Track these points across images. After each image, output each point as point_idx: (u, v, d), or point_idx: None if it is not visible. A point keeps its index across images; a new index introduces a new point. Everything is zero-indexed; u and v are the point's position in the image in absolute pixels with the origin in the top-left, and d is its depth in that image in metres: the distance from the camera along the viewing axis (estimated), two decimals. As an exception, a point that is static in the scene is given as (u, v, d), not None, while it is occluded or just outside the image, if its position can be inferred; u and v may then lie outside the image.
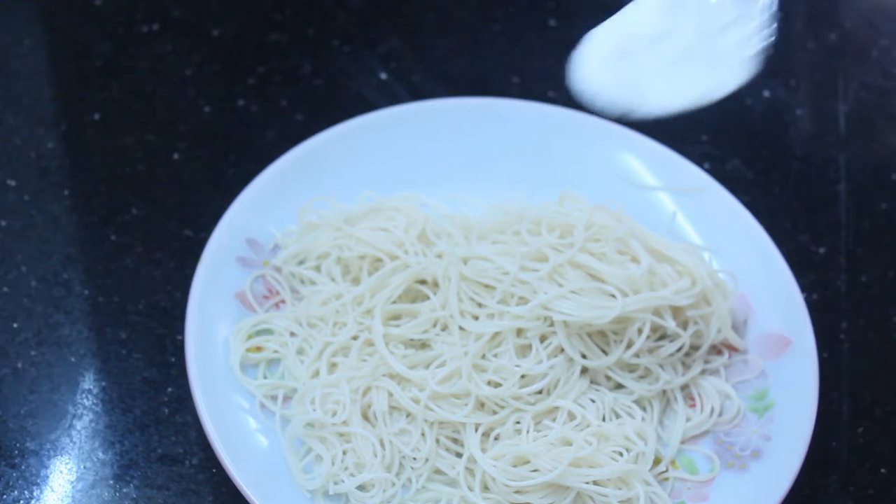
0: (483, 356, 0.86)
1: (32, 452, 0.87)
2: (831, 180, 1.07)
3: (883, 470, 0.91)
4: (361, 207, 0.95)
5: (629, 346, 0.87)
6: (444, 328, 0.88)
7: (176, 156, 1.04)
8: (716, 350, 0.91)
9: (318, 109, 1.08)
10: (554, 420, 0.86)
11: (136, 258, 0.97)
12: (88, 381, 0.91)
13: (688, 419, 0.88)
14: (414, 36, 1.16)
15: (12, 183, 1.01)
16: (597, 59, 0.71)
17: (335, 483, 0.82)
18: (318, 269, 0.92)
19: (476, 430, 0.84)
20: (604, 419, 0.86)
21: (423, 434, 0.84)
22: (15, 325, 0.93)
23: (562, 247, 0.89)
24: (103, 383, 0.91)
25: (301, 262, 0.93)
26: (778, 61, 1.17)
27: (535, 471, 0.82)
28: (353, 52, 1.13)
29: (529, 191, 0.96)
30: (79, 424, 0.89)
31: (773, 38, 0.68)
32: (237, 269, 0.91)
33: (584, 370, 0.87)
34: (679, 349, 0.88)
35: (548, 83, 1.12)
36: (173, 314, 0.93)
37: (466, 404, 0.84)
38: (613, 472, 0.82)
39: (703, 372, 0.90)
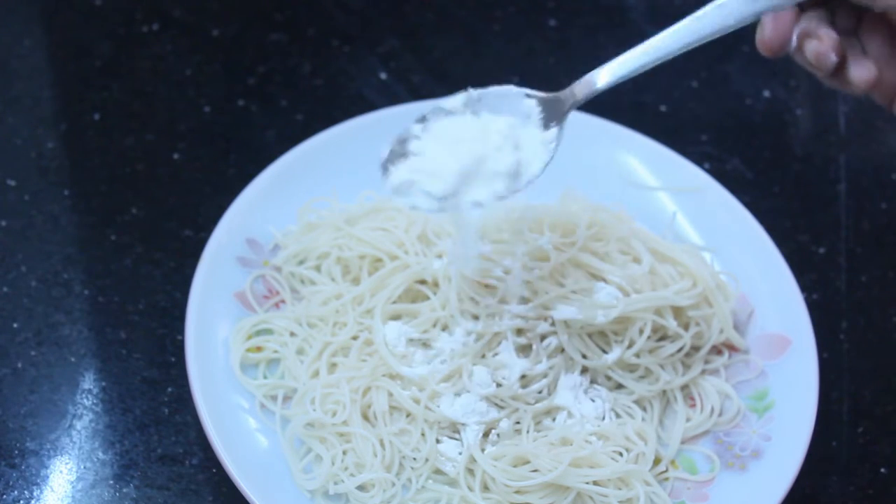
0: (483, 356, 0.86)
1: (32, 452, 0.87)
2: (831, 180, 1.07)
3: (883, 470, 0.91)
4: (361, 207, 0.95)
5: (630, 346, 0.87)
6: (445, 328, 0.88)
7: (176, 156, 1.04)
8: (716, 350, 0.91)
9: (318, 109, 1.08)
10: (554, 420, 0.86)
11: (136, 258, 0.97)
12: (88, 381, 0.91)
13: (688, 419, 0.88)
14: (414, 36, 1.16)
15: (12, 183, 1.01)
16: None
17: (335, 483, 0.82)
18: (318, 269, 0.92)
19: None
20: (604, 419, 0.86)
21: (423, 434, 0.84)
22: (15, 325, 0.93)
23: (563, 246, 0.89)
24: (103, 383, 0.91)
25: (301, 262, 0.93)
26: (778, 61, 1.17)
27: (535, 471, 0.82)
28: (353, 52, 1.13)
29: (529, 191, 0.96)
30: (79, 424, 0.88)
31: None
32: (237, 269, 0.91)
33: (585, 370, 0.87)
34: (679, 349, 0.88)
35: (548, 83, 1.12)
36: (173, 314, 0.93)
37: (466, 404, 0.85)
38: (613, 472, 0.82)
39: (704, 372, 0.90)
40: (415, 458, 0.84)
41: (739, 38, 1.18)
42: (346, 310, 0.89)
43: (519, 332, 0.87)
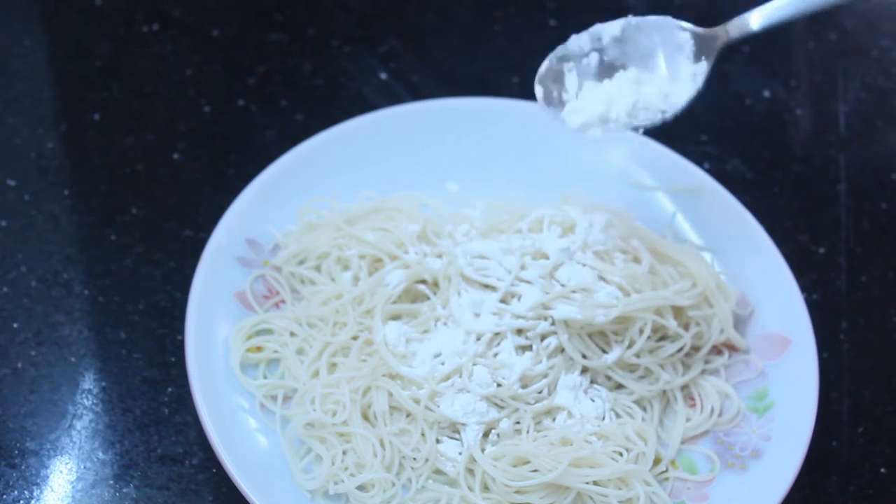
0: (483, 356, 0.86)
1: (32, 452, 0.87)
2: (831, 180, 1.07)
3: (883, 470, 0.91)
4: (361, 207, 0.95)
5: (630, 346, 0.87)
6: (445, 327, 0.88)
7: (176, 156, 1.04)
8: (716, 350, 0.91)
9: (318, 109, 1.08)
10: (554, 420, 0.86)
11: (136, 258, 0.97)
12: (88, 381, 0.91)
13: (688, 419, 0.88)
14: (414, 36, 1.16)
15: (12, 183, 1.01)
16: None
17: (335, 483, 0.82)
18: (318, 269, 0.92)
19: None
20: (604, 419, 0.86)
21: (423, 434, 0.84)
22: (15, 325, 0.93)
23: (563, 245, 0.89)
24: (103, 383, 0.91)
25: (301, 262, 0.93)
26: (778, 61, 1.17)
27: (535, 471, 0.82)
28: (353, 52, 1.13)
29: (529, 191, 0.96)
30: (79, 424, 0.88)
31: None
32: (237, 269, 0.91)
33: (585, 370, 0.87)
34: (680, 349, 0.89)
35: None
36: (173, 314, 0.93)
37: (467, 404, 0.85)
38: (613, 472, 0.82)
39: (703, 372, 0.90)
40: (415, 458, 0.84)
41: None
42: (346, 310, 0.89)
43: (519, 331, 0.87)
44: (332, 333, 0.88)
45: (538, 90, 0.90)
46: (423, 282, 0.90)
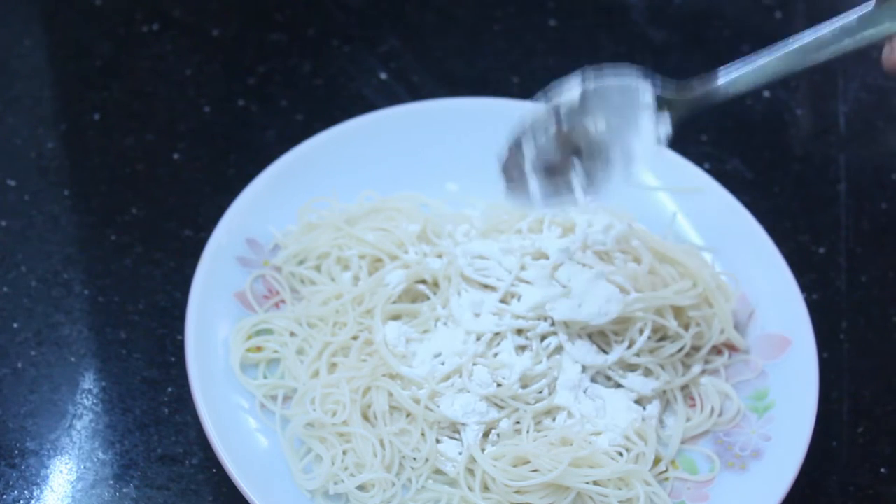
0: (483, 355, 0.86)
1: (32, 452, 0.87)
2: (831, 180, 1.07)
3: (883, 470, 0.91)
4: (361, 207, 0.95)
5: (630, 346, 0.87)
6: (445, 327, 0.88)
7: (176, 156, 1.04)
8: (716, 350, 0.91)
9: (318, 109, 1.08)
10: (554, 420, 0.86)
11: (136, 258, 0.97)
12: (88, 381, 0.91)
13: (688, 419, 0.88)
14: (414, 36, 1.16)
15: (12, 183, 1.01)
16: None
17: (335, 483, 0.82)
18: (318, 269, 0.93)
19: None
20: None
21: (423, 434, 0.84)
22: (15, 325, 0.93)
23: (563, 245, 0.89)
24: (103, 383, 0.91)
25: (301, 262, 0.93)
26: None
27: (535, 471, 0.82)
28: (353, 52, 1.13)
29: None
30: (79, 424, 0.88)
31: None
32: (237, 269, 0.91)
33: (585, 370, 0.87)
34: (680, 350, 0.89)
35: (548, 83, 1.12)
36: (173, 314, 0.93)
37: (467, 404, 0.85)
38: (613, 472, 0.82)
39: (704, 372, 0.90)
40: (415, 458, 0.84)
41: (740, 38, 1.18)
42: (346, 310, 0.89)
43: (519, 331, 0.87)
44: (332, 333, 0.88)
45: (503, 180, 0.85)
46: (423, 282, 0.90)
